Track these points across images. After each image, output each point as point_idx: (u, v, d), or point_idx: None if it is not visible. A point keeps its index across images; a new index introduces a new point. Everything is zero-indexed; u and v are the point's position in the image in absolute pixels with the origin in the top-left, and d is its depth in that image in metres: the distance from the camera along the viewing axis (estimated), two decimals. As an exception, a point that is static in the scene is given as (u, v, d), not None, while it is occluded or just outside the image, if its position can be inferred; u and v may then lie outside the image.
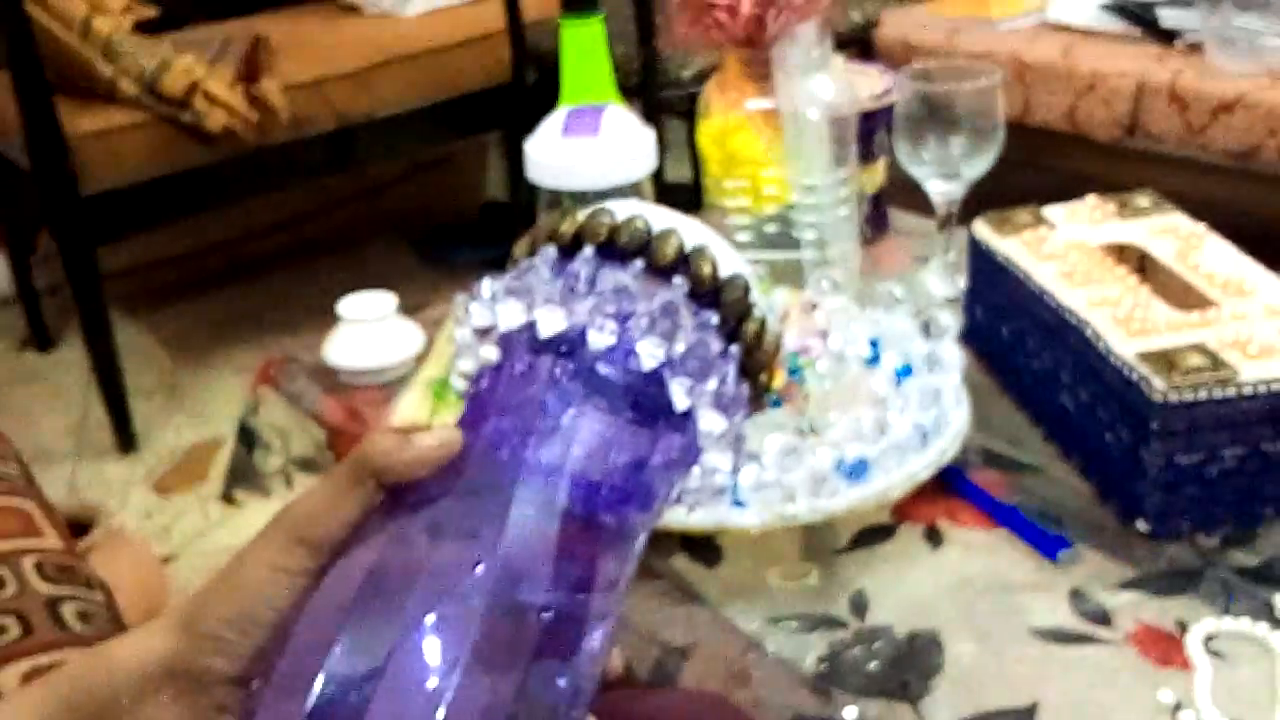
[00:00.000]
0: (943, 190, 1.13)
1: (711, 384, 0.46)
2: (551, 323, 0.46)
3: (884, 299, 1.01)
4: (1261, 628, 0.74)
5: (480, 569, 0.42)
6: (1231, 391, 0.79)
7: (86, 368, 2.11)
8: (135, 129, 1.99)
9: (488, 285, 0.49)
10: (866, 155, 1.20)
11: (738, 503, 0.83)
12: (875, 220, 1.27)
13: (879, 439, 0.86)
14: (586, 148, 0.96)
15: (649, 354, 0.45)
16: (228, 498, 1.21)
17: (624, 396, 0.46)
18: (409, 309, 1.16)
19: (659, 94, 2.13)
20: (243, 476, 1.20)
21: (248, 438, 1.18)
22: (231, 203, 2.19)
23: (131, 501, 1.94)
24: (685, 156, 2.31)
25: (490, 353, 0.48)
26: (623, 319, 0.45)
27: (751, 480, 0.83)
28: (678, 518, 0.83)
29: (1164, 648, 0.74)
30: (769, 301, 0.95)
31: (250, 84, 2.04)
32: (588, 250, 0.48)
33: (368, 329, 1.12)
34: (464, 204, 2.82)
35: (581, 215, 0.49)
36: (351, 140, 2.20)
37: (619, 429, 0.45)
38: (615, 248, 0.48)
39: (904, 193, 1.27)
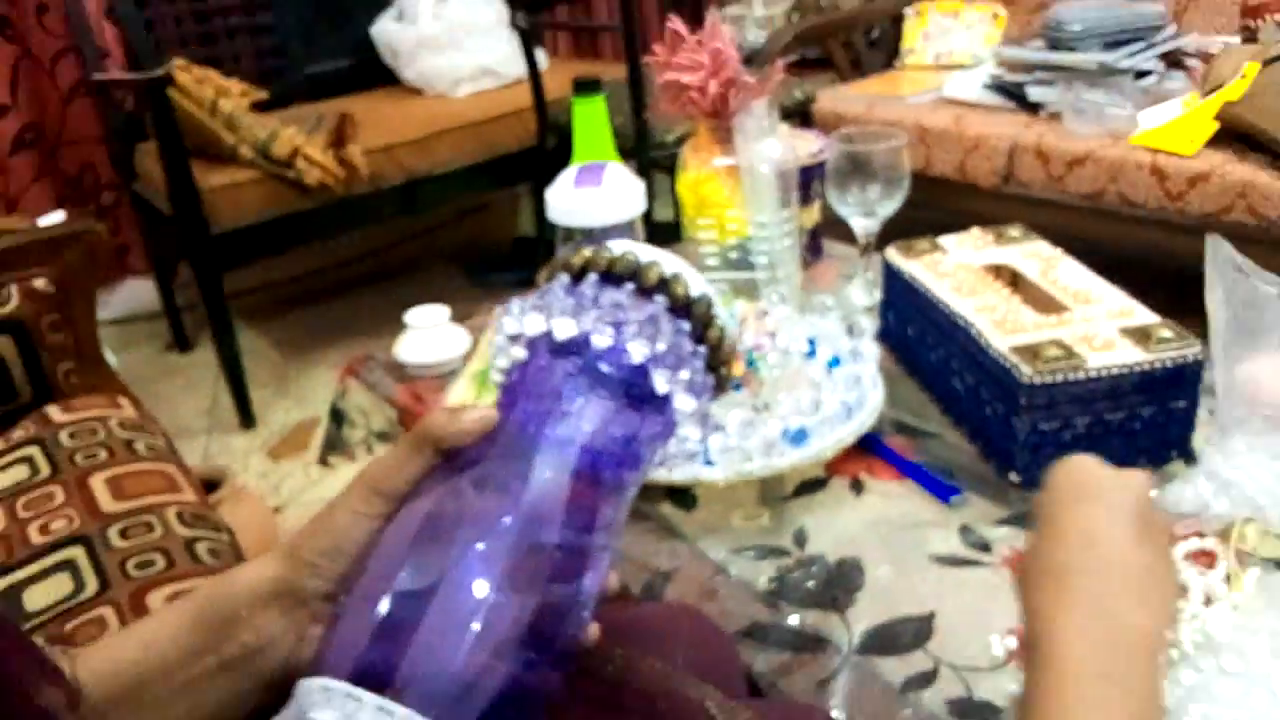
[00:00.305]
0: (863, 225, 1.13)
1: (684, 374, 0.47)
2: (565, 330, 0.46)
3: (819, 308, 1.01)
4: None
5: (509, 515, 0.42)
6: (1081, 375, 0.79)
7: (216, 365, 2.11)
8: (252, 184, 1.98)
9: (517, 303, 0.49)
10: (805, 199, 1.20)
11: (708, 462, 0.84)
12: (812, 248, 1.27)
13: (815, 413, 0.86)
14: (592, 195, 0.96)
15: (638, 351, 0.46)
16: (323, 462, 1.21)
17: (619, 386, 0.46)
18: (459, 318, 1.16)
19: (649, 154, 2.13)
20: (335, 446, 1.19)
21: (338, 417, 1.18)
22: (325, 238, 2.18)
23: (251, 466, 1.94)
24: (669, 202, 2.30)
25: (519, 353, 0.48)
26: (618, 326, 0.46)
27: (719, 445, 0.83)
28: (662, 475, 0.84)
29: (1031, 569, 0.74)
30: (730, 313, 0.95)
31: (339, 149, 2.04)
32: (592, 277, 0.49)
33: (428, 333, 1.12)
34: (501, 238, 2.82)
35: (587, 251, 0.50)
36: (415, 191, 2.19)
37: (616, 411, 0.46)
38: (612, 274, 0.48)
39: (834, 227, 1.27)
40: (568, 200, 0.96)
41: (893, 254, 1.02)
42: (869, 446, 0.89)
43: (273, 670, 0.45)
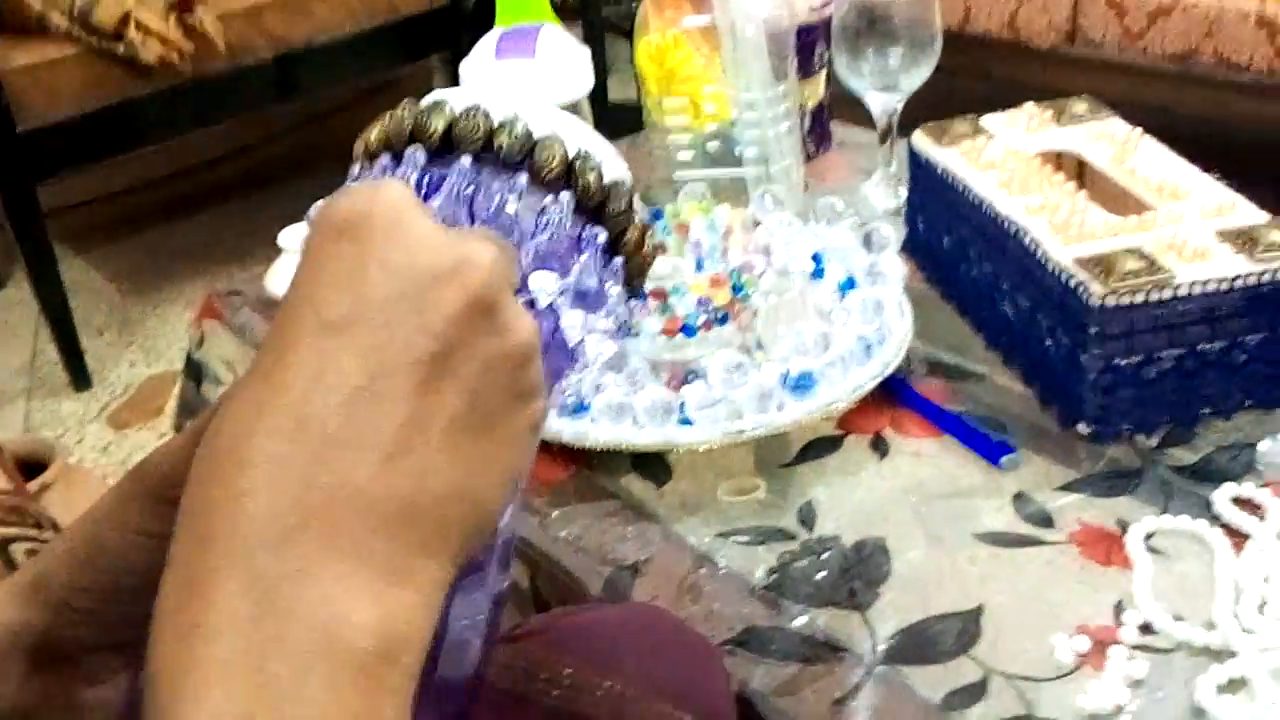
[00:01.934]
0: (882, 102, 1.11)
1: (601, 315, 0.45)
2: None
3: (826, 213, 1.00)
4: (1200, 524, 0.75)
5: None
6: (1168, 294, 0.79)
7: (36, 307, 2.07)
8: (69, 62, 1.93)
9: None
10: (806, 69, 1.19)
11: (686, 421, 0.83)
12: (817, 135, 1.25)
13: (823, 352, 0.85)
14: (522, 68, 0.94)
15: (542, 290, 0.43)
16: (181, 430, 1.19)
17: None
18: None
19: (597, 11, 2.09)
20: (194, 410, 1.18)
21: (195, 371, 1.16)
22: (171, 136, 2.14)
23: (88, 438, 1.92)
24: (631, 76, 2.27)
25: None
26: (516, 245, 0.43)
27: (699, 398, 0.83)
28: (628, 437, 0.83)
29: (1105, 547, 0.75)
30: (709, 221, 0.93)
31: (184, 13, 1.98)
32: (465, 161, 0.43)
33: (311, 259, 1.10)
34: (410, 130, 2.77)
35: (449, 109, 0.44)
36: (291, 68, 2.14)
37: None
38: (492, 153, 0.44)
39: (845, 106, 1.26)
40: (490, 76, 0.94)
41: (922, 140, 1.01)
42: (895, 394, 0.89)
43: None
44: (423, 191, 0.43)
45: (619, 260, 0.46)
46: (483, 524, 0.36)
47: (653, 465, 0.86)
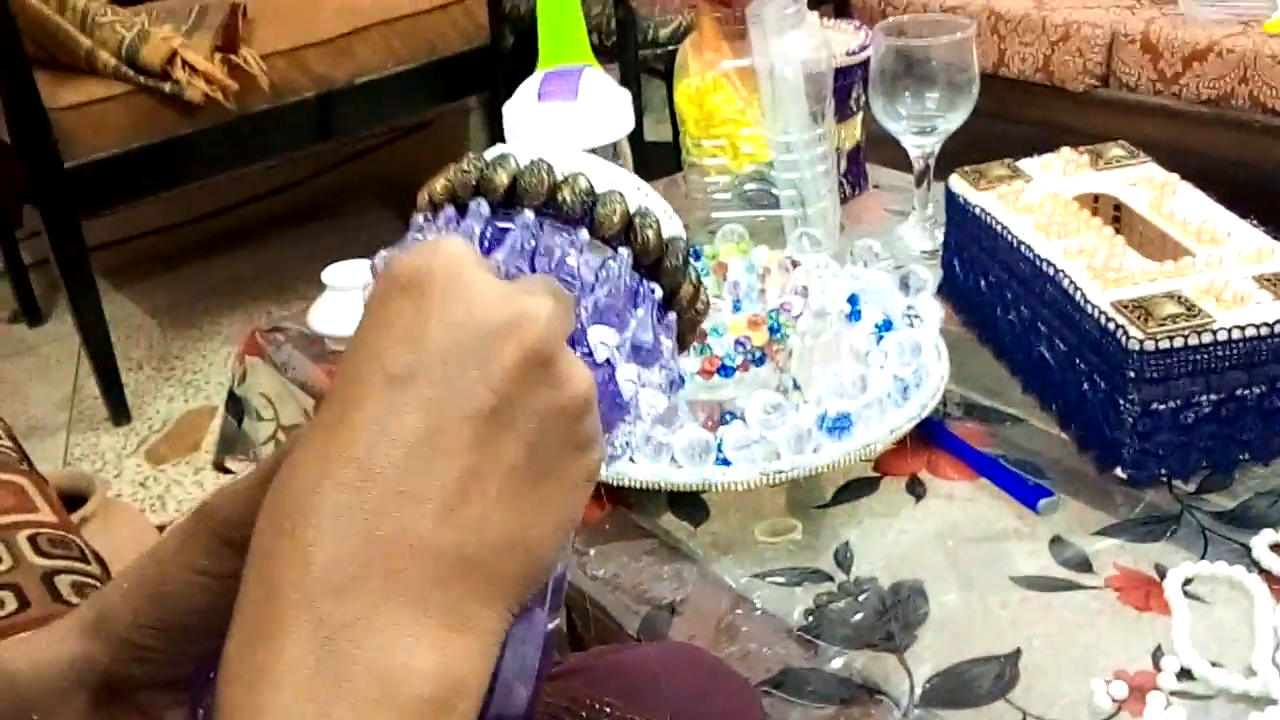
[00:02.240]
0: (919, 144, 1.12)
1: (655, 370, 0.45)
2: None
3: (863, 255, 1.01)
4: (1239, 570, 0.74)
5: None
6: (1207, 338, 0.79)
7: (77, 340, 2.10)
8: (116, 101, 1.97)
9: (415, 242, 0.44)
10: (843, 112, 1.20)
11: (723, 460, 0.83)
12: (853, 176, 1.26)
13: (860, 394, 0.85)
14: (564, 111, 0.95)
15: (600, 344, 0.43)
16: (220, 466, 1.21)
17: None
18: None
19: (636, 54, 2.11)
20: (234, 445, 1.19)
21: (237, 407, 1.17)
22: (215, 173, 2.17)
23: (126, 472, 1.94)
24: (665, 116, 2.30)
25: None
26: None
27: (736, 438, 0.83)
28: (665, 476, 0.84)
29: (1143, 592, 0.75)
30: (747, 263, 0.94)
31: (229, 53, 2.02)
32: (528, 215, 0.44)
33: (352, 296, 1.11)
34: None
35: (513, 162, 0.45)
36: (332, 107, 2.18)
37: None
38: (554, 208, 0.44)
39: (881, 148, 1.27)
40: (532, 117, 0.95)
41: (958, 183, 1.01)
42: (931, 436, 0.90)
43: None
44: (486, 244, 0.44)
45: (672, 316, 0.47)
46: (537, 572, 0.36)
47: (690, 505, 0.87)
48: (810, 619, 0.76)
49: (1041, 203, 0.95)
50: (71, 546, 0.99)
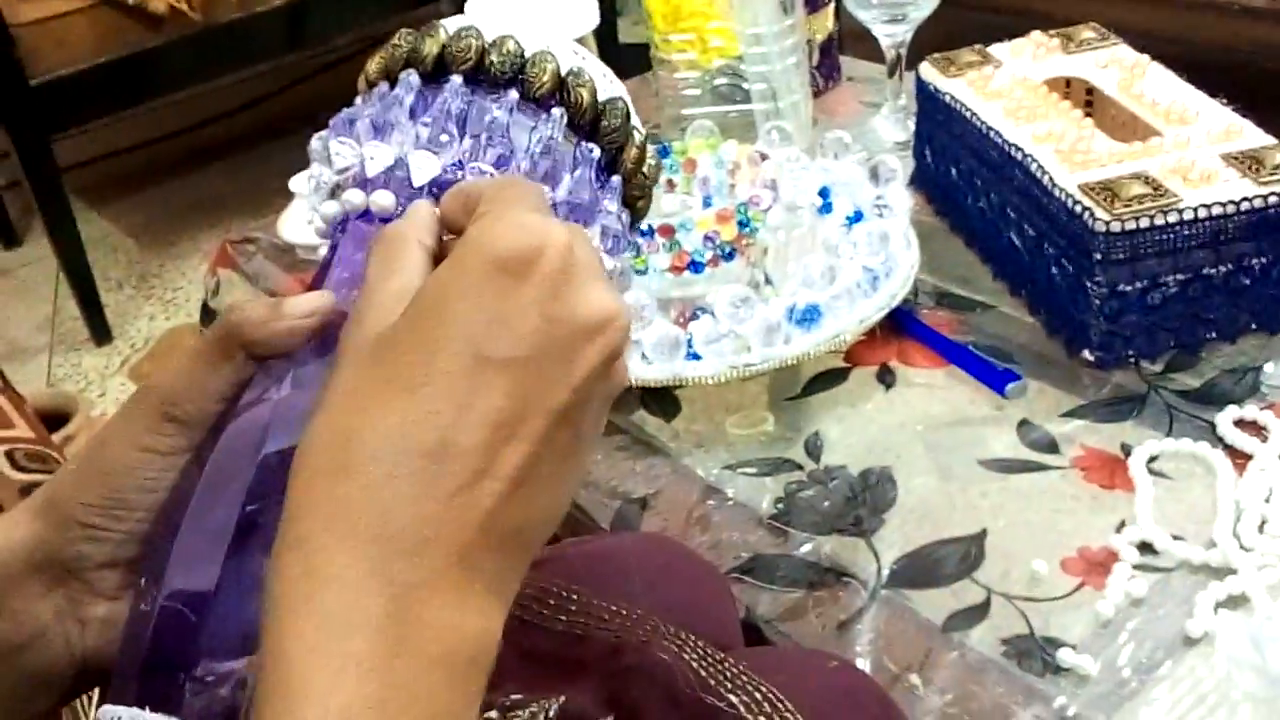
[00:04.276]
0: (890, 33, 1.11)
1: (595, 229, 0.45)
2: (425, 168, 0.43)
3: (834, 147, 1.00)
4: (1203, 446, 0.75)
5: None
6: (1173, 218, 0.79)
7: (55, 262, 2.09)
8: (79, 15, 1.94)
9: (344, 120, 0.45)
10: (814, 3, 1.19)
11: (694, 355, 0.84)
12: (826, 69, 1.25)
13: (830, 285, 0.86)
14: (526, 4, 0.94)
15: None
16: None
17: None
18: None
19: (610, -48, 2.08)
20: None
21: (212, 320, 1.18)
22: (184, 86, 2.14)
23: (110, 391, 1.95)
24: (643, 18, 2.25)
25: (356, 196, 0.44)
26: (501, 162, 0.43)
27: (705, 333, 0.84)
28: (636, 372, 0.84)
29: (1109, 471, 0.76)
30: (716, 158, 0.93)
31: (193, -38, 1.98)
32: (456, 80, 0.44)
33: (322, 204, 1.11)
34: (423, 76, 2.77)
35: (443, 32, 0.45)
36: (301, 16, 2.14)
37: None
38: (485, 73, 0.44)
39: (854, 40, 1.26)
40: (492, 11, 0.94)
41: (929, 71, 1.01)
42: (901, 325, 0.90)
43: (48, 666, 0.43)
44: (414, 114, 0.44)
45: (616, 179, 0.47)
46: (553, 532, 0.39)
47: (662, 400, 0.88)
48: (780, 507, 0.78)
49: (1011, 88, 0.95)
50: (49, 461, 1.01)
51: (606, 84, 0.46)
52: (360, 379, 0.36)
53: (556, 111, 0.45)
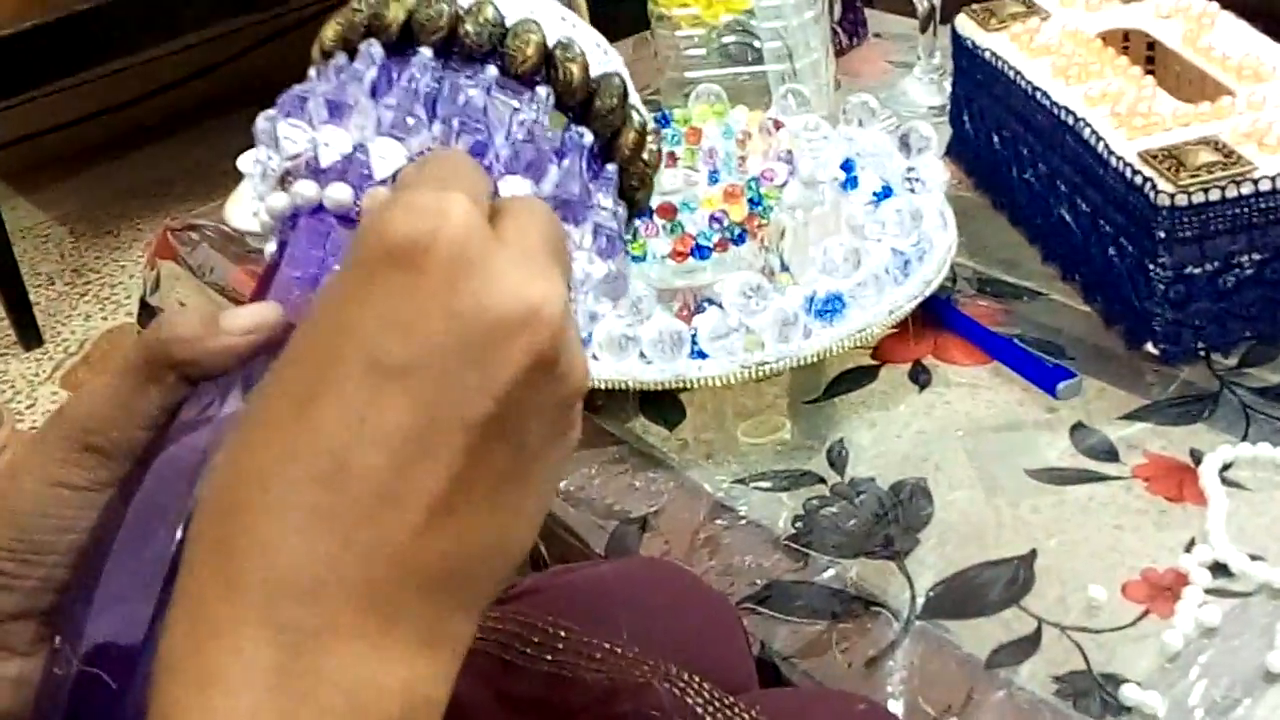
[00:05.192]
0: (922, -17, 1.11)
1: (586, 228, 0.44)
2: (388, 158, 0.42)
3: (859, 113, 1.00)
4: (1283, 453, 0.75)
5: None
6: (1247, 189, 0.78)
7: (-24, 256, 2.10)
8: (0, -26, 1.94)
9: (294, 98, 0.44)
10: (835, -53, 1.18)
11: (699, 353, 0.84)
12: (850, 24, 1.25)
13: (854, 271, 0.85)
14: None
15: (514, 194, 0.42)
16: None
17: None
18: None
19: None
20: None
21: (150, 318, 1.17)
22: (123, 54, 2.14)
23: (40, 401, 1.95)
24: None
25: (308, 189, 0.42)
26: (477, 151, 0.42)
27: (712, 327, 0.83)
28: (634, 373, 0.84)
29: (1176, 481, 0.75)
30: (724, 127, 0.92)
31: (129, -87, 1.99)
32: (425, 53, 0.44)
33: (274, 185, 1.10)
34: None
35: None
36: (254, -27, 2.15)
37: None
38: (458, 44, 0.44)
39: (881, -10, 1.25)
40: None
41: (965, 24, 1.00)
42: (937, 317, 0.90)
43: None
44: (380, 94, 0.43)
45: (612, 168, 0.46)
46: (513, 568, 0.37)
47: (663, 405, 0.87)
48: (799, 526, 0.77)
49: (1060, 42, 0.94)
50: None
51: (600, 56, 0.46)
52: (258, 403, 0.35)
53: (542, 90, 0.44)
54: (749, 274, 0.85)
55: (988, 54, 0.97)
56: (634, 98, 0.47)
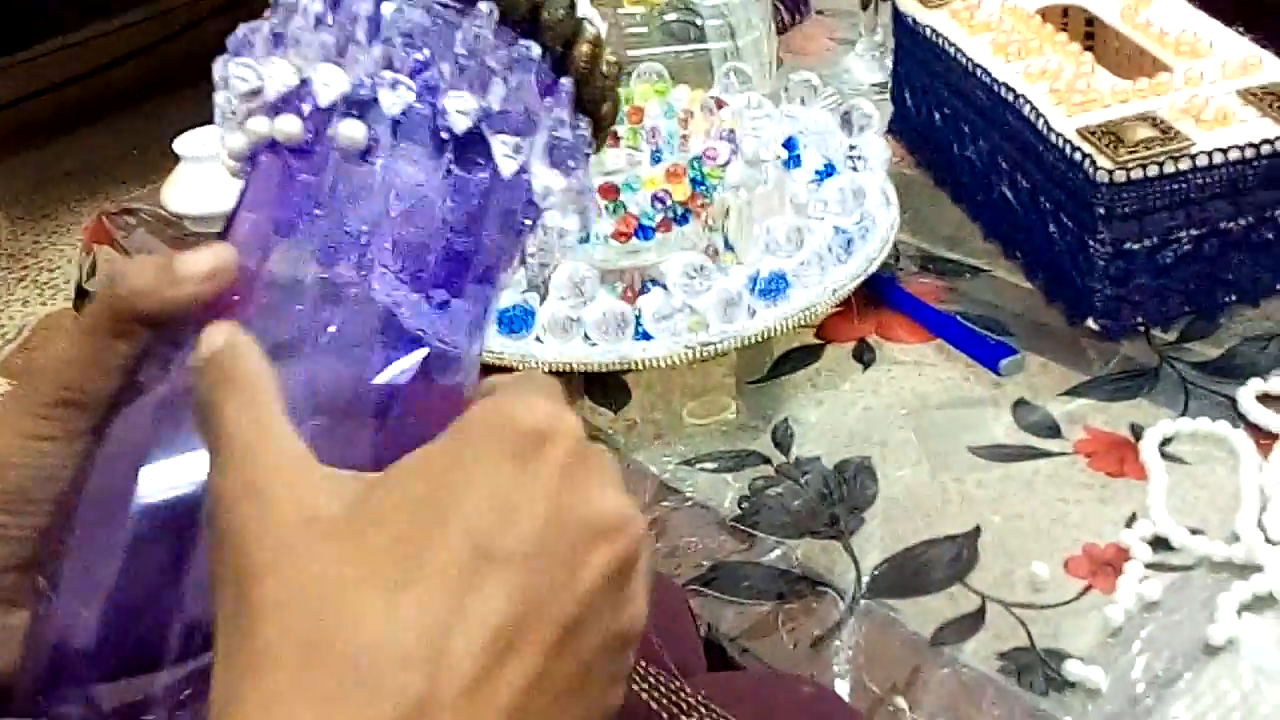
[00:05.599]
0: (863, -41, 1.11)
1: (541, 136, 0.43)
2: (331, 84, 0.42)
3: (801, 91, 1.00)
4: (1223, 426, 0.76)
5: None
6: (1185, 165, 0.79)
7: (-91, 240, 2.07)
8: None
9: (244, 32, 0.44)
10: (775, -76, 1.18)
11: (643, 334, 0.83)
12: (791, 2, 1.25)
13: (797, 250, 0.85)
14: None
15: (459, 112, 0.42)
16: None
17: (434, 164, 0.42)
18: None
19: None
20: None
21: (87, 301, 1.16)
22: (60, 33, 2.11)
23: (-22, 389, 1.92)
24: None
25: (260, 124, 0.42)
26: (420, 69, 0.42)
27: (656, 308, 0.83)
28: (578, 355, 0.83)
29: (1117, 456, 0.76)
30: (665, 107, 0.92)
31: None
32: None
33: (213, 167, 1.09)
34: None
35: None
36: (191, -50, 2.12)
37: (435, 215, 0.42)
38: None
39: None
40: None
41: (908, 2, 1.00)
42: (880, 295, 0.90)
43: None
44: (322, 23, 0.43)
45: (567, 81, 0.45)
46: None
47: (608, 387, 0.87)
48: (745, 507, 0.77)
49: (1000, 19, 0.94)
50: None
51: None
52: (326, 572, 0.34)
53: (484, 6, 0.43)
54: (693, 254, 0.84)
55: (928, 31, 0.97)
56: (586, 9, 0.46)
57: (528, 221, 0.45)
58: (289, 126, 0.42)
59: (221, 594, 0.35)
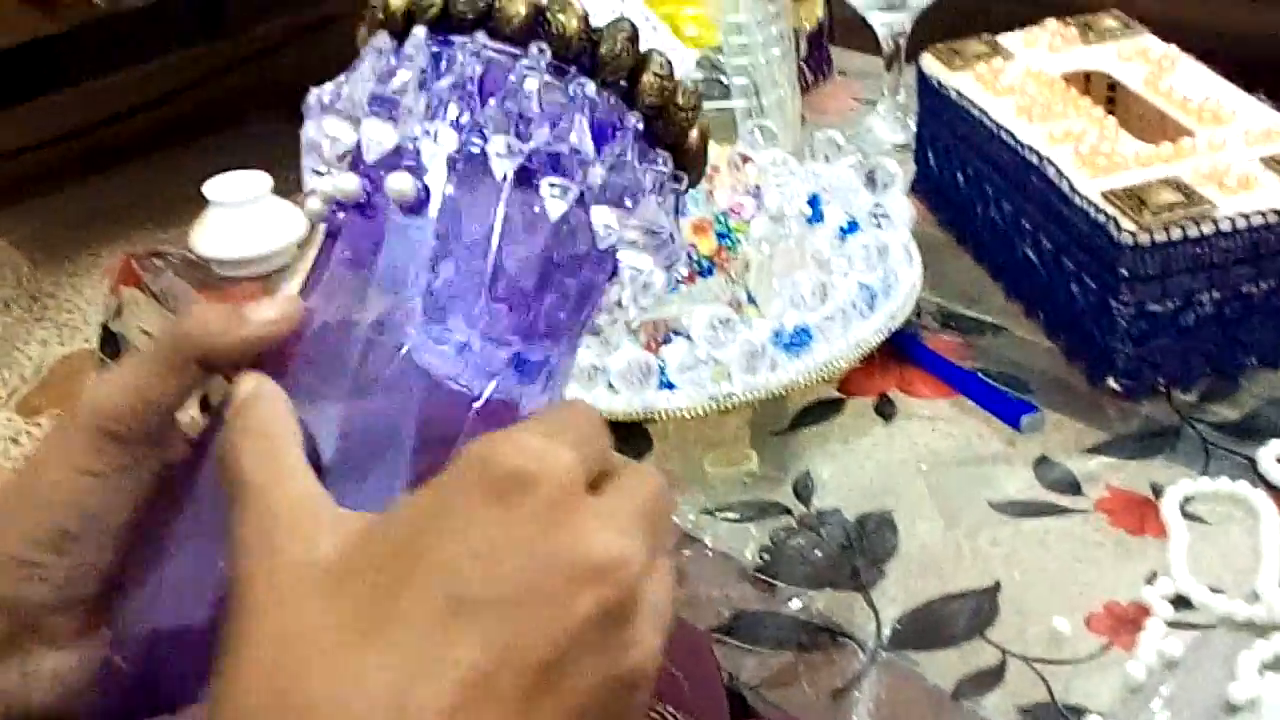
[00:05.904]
0: (887, 21, 1.12)
1: (597, 169, 0.42)
2: (378, 140, 0.42)
3: (825, 149, 1.01)
4: (1243, 486, 0.76)
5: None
6: (1208, 229, 0.80)
7: (-69, 279, 2.08)
8: (-36, -2, 1.93)
9: (333, 90, 0.45)
10: (802, -14, 1.19)
11: (667, 384, 0.84)
12: (815, 62, 1.26)
13: (821, 305, 0.86)
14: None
15: (498, 155, 0.41)
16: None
17: (489, 207, 0.42)
18: (289, 189, 1.14)
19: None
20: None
21: (113, 346, 1.16)
22: (86, 79, 2.14)
23: (-5, 427, 1.93)
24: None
25: (325, 184, 0.43)
26: (466, 123, 0.42)
27: (680, 359, 0.83)
28: (601, 404, 0.84)
29: (1138, 514, 0.76)
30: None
31: (95, -61, 1.98)
32: (418, 32, 0.43)
33: (241, 213, 1.10)
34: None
35: None
36: (220, 1, 2.15)
37: (487, 247, 0.41)
38: (452, 21, 0.43)
39: (847, 29, 1.26)
40: None
41: (931, 63, 1.01)
42: (902, 350, 0.90)
43: None
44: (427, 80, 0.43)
45: (633, 116, 0.43)
46: None
47: (631, 436, 0.87)
48: (766, 558, 0.77)
49: (1024, 82, 0.95)
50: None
51: (603, 4, 0.44)
52: (303, 621, 0.34)
53: (534, 48, 0.42)
54: (717, 306, 0.85)
55: (953, 93, 0.98)
56: (655, 41, 0.44)
57: (602, 269, 0.44)
58: (347, 185, 0.43)
59: (224, 632, 0.35)
